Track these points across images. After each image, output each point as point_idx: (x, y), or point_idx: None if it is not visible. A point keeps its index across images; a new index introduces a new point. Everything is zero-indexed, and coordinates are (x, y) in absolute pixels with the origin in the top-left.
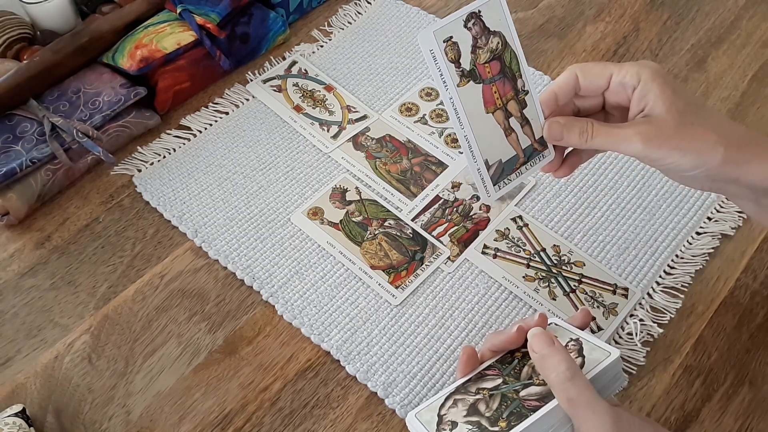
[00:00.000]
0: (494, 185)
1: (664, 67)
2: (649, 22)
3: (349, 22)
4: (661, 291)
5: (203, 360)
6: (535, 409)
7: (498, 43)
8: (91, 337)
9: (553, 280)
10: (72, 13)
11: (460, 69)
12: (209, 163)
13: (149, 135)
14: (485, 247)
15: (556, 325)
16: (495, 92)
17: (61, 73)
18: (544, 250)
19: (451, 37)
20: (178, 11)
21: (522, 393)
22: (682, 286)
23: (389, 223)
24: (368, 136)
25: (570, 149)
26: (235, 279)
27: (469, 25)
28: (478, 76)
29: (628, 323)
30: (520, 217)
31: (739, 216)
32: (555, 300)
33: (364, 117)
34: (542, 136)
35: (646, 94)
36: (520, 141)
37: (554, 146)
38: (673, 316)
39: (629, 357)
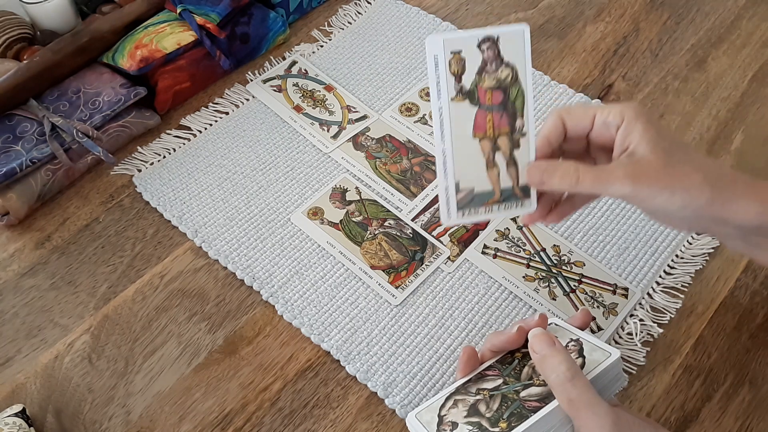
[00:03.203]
0: (458, 210)
1: (664, 68)
2: (649, 22)
3: (349, 22)
4: (661, 291)
5: (203, 360)
6: (535, 410)
7: (508, 75)
8: (91, 337)
9: (553, 280)
10: (72, 13)
11: (460, 85)
12: (209, 163)
13: (149, 135)
14: (485, 247)
15: (556, 325)
16: (489, 121)
17: (61, 73)
18: (544, 250)
19: (461, 51)
20: (178, 11)
21: (522, 394)
22: (682, 286)
23: (389, 223)
24: (368, 136)
25: (564, 197)
26: (235, 279)
27: (483, 47)
28: (476, 99)
29: (628, 323)
30: None
31: None
32: (555, 300)
33: (364, 117)
34: (526, 184)
35: (630, 133)
36: (500, 179)
37: (543, 193)
38: (673, 316)
39: (629, 357)
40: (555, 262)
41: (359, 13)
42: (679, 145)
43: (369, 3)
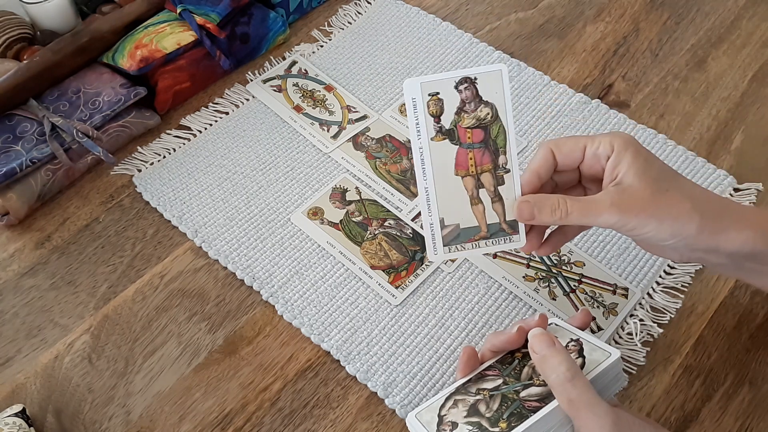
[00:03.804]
0: (444, 246)
1: (664, 68)
2: (649, 22)
3: (349, 22)
4: (661, 291)
5: (203, 360)
6: (535, 410)
7: (488, 114)
8: (91, 337)
9: (553, 280)
10: (72, 13)
11: (439, 125)
12: (209, 163)
13: (149, 135)
14: (486, 253)
15: (556, 325)
16: (471, 159)
17: (61, 73)
18: (543, 255)
19: (438, 93)
20: (178, 11)
21: (522, 394)
22: (682, 286)
23: (389, 223)
24: (368, 136)
25: (555, 228)
26: (235, 279)
27: (461, 87)
28: (456, 138)
29: (628, 323)
30: None
31: None
32: (555, 300)
33: (364, 117)
34: (514, 219)
35: (619, 163)
36: (486, 215)
37: (532, 225)
38: (673, 316)
39: (629, 357)
40: (555, 262)
41: (359, 13)
42: (668, 173)
43: (369, 3)
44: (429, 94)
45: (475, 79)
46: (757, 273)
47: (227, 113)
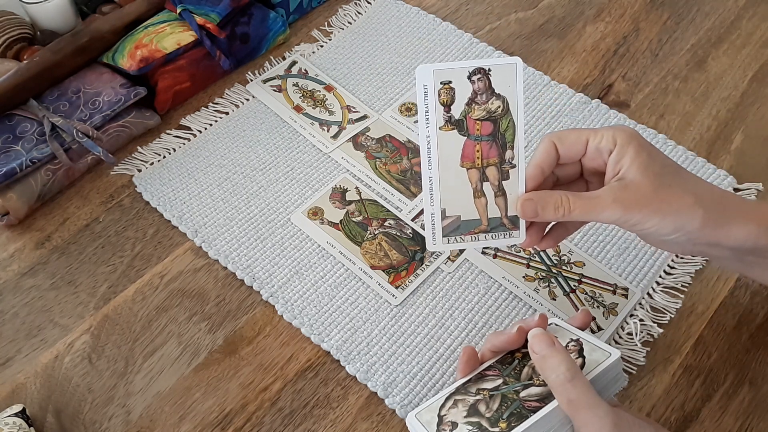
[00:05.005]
0: (444, 236)
1: (664, 68)
2: (649, 22)
3: (349, 22)
4: (661, 291)
5: (203, 360)
6: (535, 410)
7: (499, 107)
8: (91, 337)
9: (553, 280)
10: (72, 13)
11: (449, 115)
12: (209, 163)
13: (149, 135)
14: (485, 246)
15: (556, 325)
16: (478, 151)
17: (61, 73)
18: (544, 249)
19: (450, 81)
20: (178, 11)
21: (522, 394)
22: (682, 286)
23: (389, 223)
24: (368, 136)
25: (555, 222)
26: (235, 279)
27: (474, 78)
28: (464, 129)
29: (628, 323)
30: None
31: None
32: (555, 300)
33: (364, 117)
34: (515, 215)
35: (622, 158)
36: (488, 209)
37: (533, 221)
38: (673, 316)
39: (629, 357)
40: (555, 262)
41: (359, 13)
42: (670, 168)
43: (369, 3)
44: (441, 83)
45: (489, 70)
46: (758, 266)
47: (227, 113)
